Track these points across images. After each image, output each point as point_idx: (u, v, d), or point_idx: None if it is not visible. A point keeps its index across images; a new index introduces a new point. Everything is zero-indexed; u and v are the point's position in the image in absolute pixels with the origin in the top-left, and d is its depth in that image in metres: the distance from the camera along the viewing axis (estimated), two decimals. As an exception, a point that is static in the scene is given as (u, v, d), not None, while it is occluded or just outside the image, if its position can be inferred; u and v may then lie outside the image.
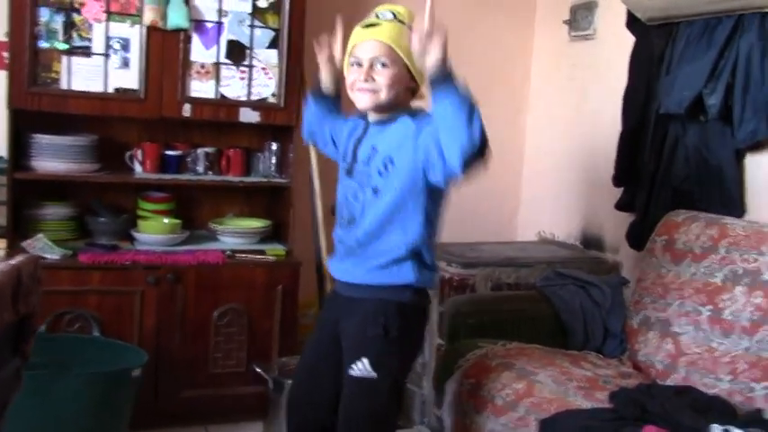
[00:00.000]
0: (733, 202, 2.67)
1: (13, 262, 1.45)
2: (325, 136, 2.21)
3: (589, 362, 2.51)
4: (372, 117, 2.04)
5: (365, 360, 1.95)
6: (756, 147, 2.61)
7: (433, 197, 1.97)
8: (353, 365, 1.96)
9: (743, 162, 2.68)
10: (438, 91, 1.80)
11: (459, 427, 2.41)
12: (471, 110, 1.77)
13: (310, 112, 2.21)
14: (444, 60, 1.79)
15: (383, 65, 1.95)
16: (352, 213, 2.02)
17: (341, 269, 2.09)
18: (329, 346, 2.07)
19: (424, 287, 2.03)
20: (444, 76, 1.79)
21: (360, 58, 1.97)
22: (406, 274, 1.98)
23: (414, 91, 2.04)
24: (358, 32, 2.00)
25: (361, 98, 1.99)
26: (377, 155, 1.98)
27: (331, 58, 2.07)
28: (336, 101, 2.17)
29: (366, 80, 1.96)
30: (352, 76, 2.00)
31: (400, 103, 2.00)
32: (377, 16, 1.99)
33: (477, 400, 2.32)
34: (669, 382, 2.40)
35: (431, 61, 1.79)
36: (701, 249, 2.50)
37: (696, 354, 2.39)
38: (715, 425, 1.72)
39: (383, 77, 1.95)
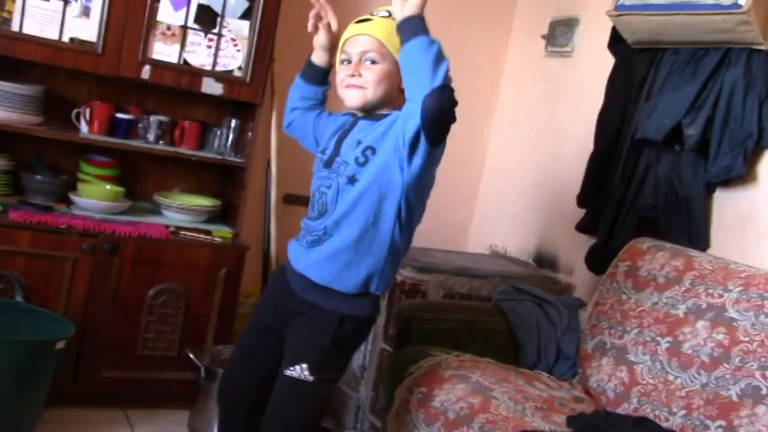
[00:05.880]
0: (698, 236, 2.63)
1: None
2: (306, 128, 2.11)
3: (542, 382, 2.42)
4: (362, 114, 1.95)
5: (304, 365, 1.89)
6: (728, 183, 2.59)
7: (408, 201, 1.86)
8: (292, 367, 1.90)
9: (712, 196, 2.65)
10: (405, 33, 1.74)
11: (403, 437, 2.29)
12: (438, 56, 1.70)
13: (296, 94, 2.11)
14: (419, 11, 1.74)
15: (372, 61, 1.87)
16: (324, 205, 1.90)
17: (302, 260, 1.94)
18: (271, 333, 2.01)
19: (379, 295, 1.95)
20: (414, 21, 1.73)
21: (350, 54, 1.91)
22: (369, 279, 1.89)
23: None
24: (349, 28, 1.95)
25: (350, 95, 1.90)
26: (359, 146, 1.87)
27: (327, 26, 2.02)
28: (325, 80, 2.10)
29: (353, 75, 1.88)
30: (342, 74, 1.92)
31: (391, 102, 1.90)
32: (371, 14, 1.93)
33: (428, 410, 2.20)
34: (619, 411, 2.34)
35: (406, 11, 1.74)
36: (664, 279, 2.46)
37: (651, 385, 2.33)
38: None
39: (371, 73, 1.87)
